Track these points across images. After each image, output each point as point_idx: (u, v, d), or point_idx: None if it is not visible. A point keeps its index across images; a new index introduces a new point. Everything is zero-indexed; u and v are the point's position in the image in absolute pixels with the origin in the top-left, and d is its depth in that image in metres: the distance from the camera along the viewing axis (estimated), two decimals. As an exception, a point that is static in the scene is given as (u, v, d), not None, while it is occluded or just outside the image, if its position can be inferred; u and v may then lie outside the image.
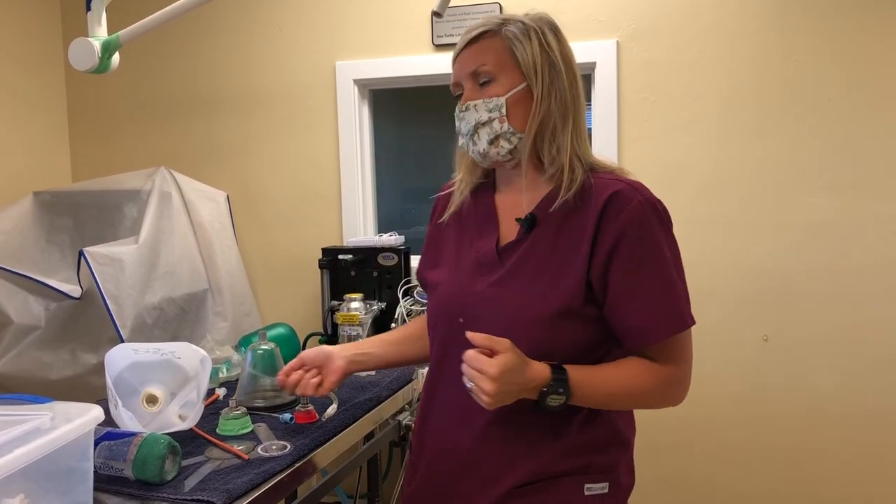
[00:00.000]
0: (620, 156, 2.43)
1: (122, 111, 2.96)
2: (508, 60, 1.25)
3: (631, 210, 1.19)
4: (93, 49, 2.06)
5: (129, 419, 1.46)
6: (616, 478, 1.28)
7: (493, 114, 1.24)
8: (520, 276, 1.24)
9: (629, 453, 1.33)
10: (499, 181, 1.36)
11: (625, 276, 1.19)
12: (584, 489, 1.24)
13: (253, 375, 1.76)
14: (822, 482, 2.37)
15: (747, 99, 2.32)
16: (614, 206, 1.19)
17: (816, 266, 2.31)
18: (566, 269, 1.21)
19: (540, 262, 1.23)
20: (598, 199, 1.20)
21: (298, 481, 1.47)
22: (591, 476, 1.25)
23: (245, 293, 2.69)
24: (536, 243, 1.25)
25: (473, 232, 1.34)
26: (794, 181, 2.31)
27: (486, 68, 1.25)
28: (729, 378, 2.41)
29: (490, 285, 1.25)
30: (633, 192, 1.20)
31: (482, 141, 1.26)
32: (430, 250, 1.44)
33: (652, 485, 2.49)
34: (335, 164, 2.73)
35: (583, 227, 1.21)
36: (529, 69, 1.25)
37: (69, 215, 2.57)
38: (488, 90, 1.25)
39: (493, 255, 1.28)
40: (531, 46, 1.25)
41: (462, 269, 1.32)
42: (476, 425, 1.26)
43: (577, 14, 2.43)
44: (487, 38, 1.26)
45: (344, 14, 2.66)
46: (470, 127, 1.26)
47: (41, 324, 2.30)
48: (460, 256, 1.33)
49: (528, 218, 1.26)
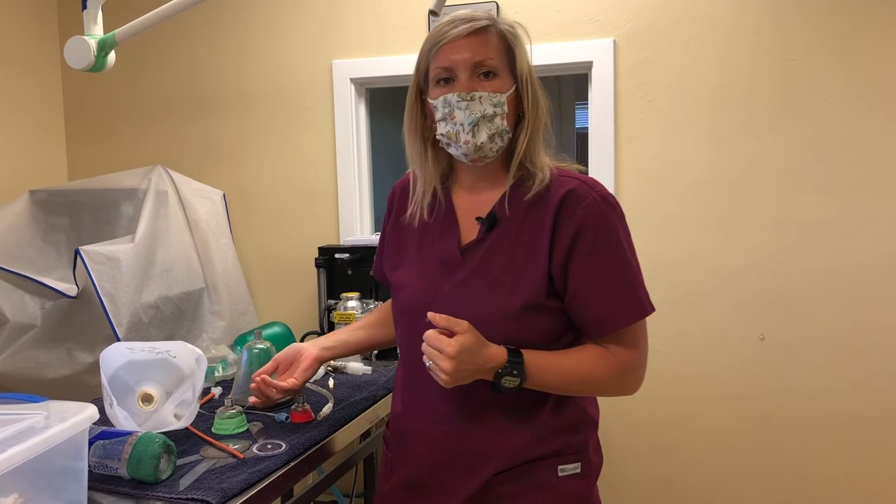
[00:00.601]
0: (617, 154, 2.43)
1: (118, 109, 2.96)
2: (506, 60, 1.27)
3: (586, 206, 1.23)
4: (89, 47, 2.05)
5: (124, 418, 1.45)
6: (587, 457, 1.33)
7: (497, 109, 1.24)
8: (484, 275, 1.27)
9: (596, 432, 1.39)
10: (456, 181, 1.38)
11: (585, 270, 1.23)
12: (558, 470, 1.30)
13: (249, 374, 1.75)
14: (820, 481, 2.37)
15: (744, 98, 2.32)
16: (570, 202, 1.24)
17: (813, 265, 2.31)
18: (528, 266, 1.25)
19: (503, 259, 1.27)
20: (555, 196, 1.25)
21: (294, 480, 1.47)
22: (564, 457, 1.30)
23: (241, 292, 2.69)
24: (498, 242, 1.28)
25: (434, 233, 1.35)
26: (790, 180, 2.31)
27: (493, 63, 1.25)
28: (726, 377, 2.41)
29: (455, 285, 1.28)
30: (587, 188, 1.25)
31: (482, 134, 1.24)
32: (391, 250, 1.44)
33: (650, 484, 2.49)
34: (332, 162, 2.73)
35: (541, 224, 1.25)
36: (523, 73, 1.27)
37: (65, 214, 2.57)
38: (491, 84, 1.25)
39: (456, 254, 1.30)
40: (521, 51, 1.29)
41: (426, 270, 1.33)
42: (453, 419, 1.30)
43: (575, 13, 2.43)
44: (491, 33, 1.26)
45: (341, 13, 2.66)
46: (475, 118, 1.23)
47: (37, 322, 2.30)
48: (423, 257, 1.34)
49: (489, 217, 1.28)
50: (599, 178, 2.40)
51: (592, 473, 1.35)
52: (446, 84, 1.26)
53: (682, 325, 2.42)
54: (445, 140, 1.28)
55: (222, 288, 2.57)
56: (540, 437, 1.29)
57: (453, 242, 1.31)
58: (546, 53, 2.45)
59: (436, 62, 1.26)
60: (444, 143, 1.30)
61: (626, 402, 2.46)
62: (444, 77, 1.26)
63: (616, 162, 2.44)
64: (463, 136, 1.25)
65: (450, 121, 1.26)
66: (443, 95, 1.25)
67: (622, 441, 2.50)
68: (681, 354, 2.43)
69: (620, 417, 2.49)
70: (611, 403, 2.48)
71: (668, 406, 2.46)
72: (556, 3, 2.44)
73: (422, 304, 1.29)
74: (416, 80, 1.32)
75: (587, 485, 1.33)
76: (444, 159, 1.37)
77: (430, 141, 1.34)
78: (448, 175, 1.39)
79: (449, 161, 1.37)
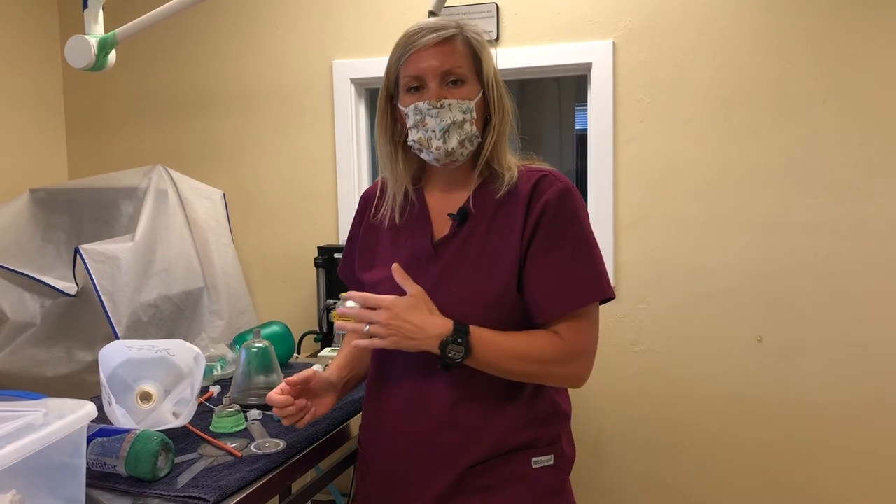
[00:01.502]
0: (616, 156, 2.44)
1: (118, 109, 2.96)
2: (473, 67, 1.31)
3: (550, 193, 1.29)
4: (89, 47, 2.06)
5: (122, 416, 1.46)
6: (560, 449, 1.36)
7: (466, 115, 1.29)
8: (459, 267, 1.31)
9: (569, 425, 1.41)
10: (429, 182, 1.41)
11: (539, 250, 1.28)
12: (531, 462, 1.32)
13: (247, 373, 1.76)
14: (818, 482, 2.37)
15: (743, 100, 2.33)
16: (538, 191, 1.30)
17: (811, 267, 2.32)
18: (501, 255, 1.29)
19: (476, 251, 1.31)
20: (524, 188, 1.31)
21: (291, 479, 1.47)
22: (537, 449, 1.33)
23: (241, 291, 2.70)
24: (470, 235, 1.32)
25: (407, 232, 1.38)
26: (789, 182, 2.31)
27: (461, 71, 1.29)
28: (723, 378, 2.42)
29: (429, 278, 1.31)
30: (553, 178, 1.32)
31: (452, 140, 1.29)
32: (364, 252, 1.45)
33: (647, 485, 2.50)
34: (332, 162, 2.73)
35: (513, 214, 1.30)
36: (489, 79, 1.32)
37: (65, 212, 2.57)
38: (459, 92, 1.29)
39: (428, 249, 1.34)
40: (487, 57, 1.33)
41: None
42: (430, 413, 1.32)
43: (574, 14, 2.43)
44: (458, 42, 1.31)
45: (341, 13, 2.67)
46: (445, 125, 1.28)
47: (37, 321, 2.30)
48: (397, 255, 1.36)
49: (460, 212, 1.33)
50: (599, 180, 2.44)
51: (565, 466, 1.38)
52: (416, 92, 1.30)
53: (680, 327, 2.43)
54: (417, 146, 1.32)
55: (221, 287, 2.58)
56: (514, 429, 1.31)
57: (426, 238, 1.35)
58: (545, 55, 2.45)
59: (405, 70, 1.31)
60: (415, 148, 1.34)
61: (623, 402, 2.48)
62: (415, 85, 1.31)
63: (615, 163, 2.44)
64: (435, 142, 1.29)
65: (421, 127, 1.30)
66: (414, 103, 1.30)
67: (619, 442, 2.51)
68: (678, 356, 2.44)
69: (618, 418, 2.49)
70: (608, 404, 2.50)
71: (665, 407, 2.46)
72: (556, 5, 2.44)
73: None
74: (386, 85, 1.37)
75: (561, 477, 1.37)
76: (415, 161, 1.40)
77: (400, 144, 1.38)
78: (420, 176, 1.43)
79: (420, 163, 1.40)
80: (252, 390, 1.74)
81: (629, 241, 2.44)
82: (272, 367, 1.78)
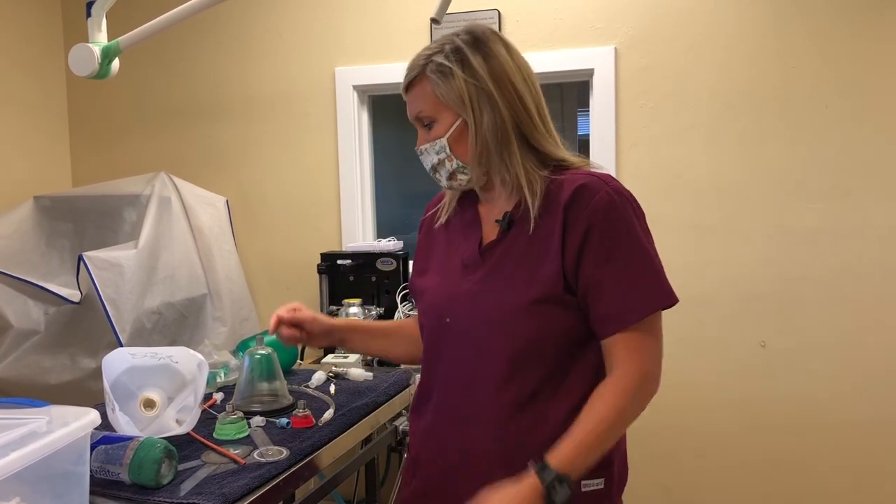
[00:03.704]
0: (618, 161, 2.44)
1: (122, 116, 2.97)
2: (438, 102, 1.28)
3: (597, 200, 1.22)
4: (93, 55, 2.06)
5: (126, 423, 1.46)
6: (611, 474, 1.29)
7: (440, 154, 1.30)
8: (501, 272, 1.28)
9: (622, 448, 1.34)
10: (479, 193, 1.39)
11: (596, 264, 1.22)
12: (580, 485, 1.24)
13: (250, 380, 1.76)
14: (820, 488, 2.36)
15: (744, 105, 2.33)
16: (581, 198, 1.23)
17: (814, 272, 2.31)
18: (542, 261, 1.25)
19: (518, 256, 1.27)
20: (566, 193, 1.24)
21: (294, 486, 1.47)
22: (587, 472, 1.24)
23: (244, 298, 2.70)
24: (514, 240, 1.29)
25: (460, 238, 1.37)
26: (791, 187, 2.31)
27: (425, 114, 1.30)
28: (726, 384, 2.41)
29: (473, 283, 1.29)
30: (599, 183, 1.24)
31: (442, 178, 1.33)
32: (420, 257, 1.46)
33: (650, 490, 2.49)
34: (334, 169, 2.74)
35: (553, 220, 1.25)
36: (458, 105, 1.26)
37: (69, 220, 2.58)
38: (433, 133, 1.30)
39: (475, 255, 1.32)
40: (455, 82, 1.26)
41: (449, 272, 1.35)
42: (471, 426, 1.28)
43: (576, 21, 2.44)
44: (418, 84, 1.30)
45: (343, 21, 2.67)
46: (429, 167, 1.33)
47: (40, 328, 2.31)
48: (448, 261, 1.36)
49: (504, 217, 1.30)
50: (601, 185, 2.42)
51: (615, 490, 1.30)
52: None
53: (683, 332, 2.42)
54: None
55: (225, 294, 2.58)
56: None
57: (474, 244, 1.33)
58: (548, 61, 2.46)
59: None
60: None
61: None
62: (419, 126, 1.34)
63: (617, 169, 2.44)
64: (436, 179, 1.34)
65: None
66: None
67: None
68: (682, 361, 2.43)
69: (622, 424, 2.49)
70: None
71: (668, 412, 2.46)
72: (558, 11, 2.45)
73: (442, 304, 1.32)
74: None
75: (610, 502, 1.29)
76: None
77: None
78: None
79: None
80: (255, 397, 1.75)
81: (632, 246, 2.44)
82: (275, 374, 1.78)
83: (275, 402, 1.74)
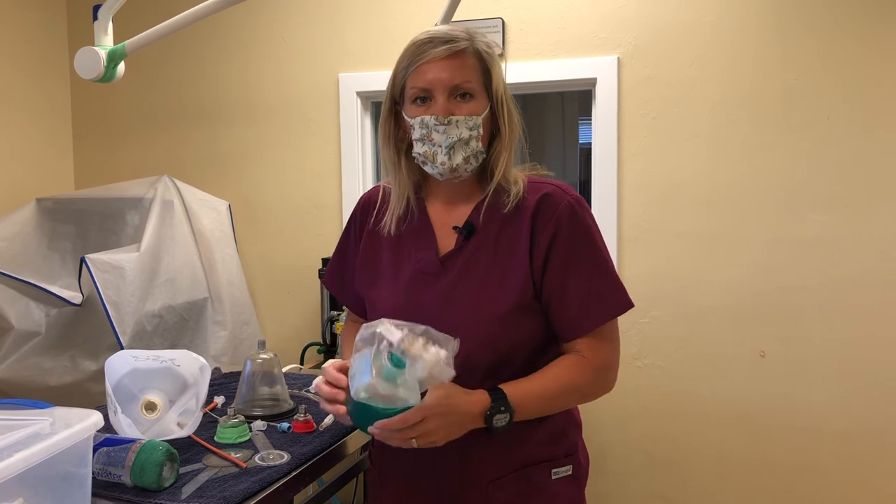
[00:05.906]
0: (620, 170, 2.45)
1: (125, 120, 2.98)
2: (482, 81, 1.28)
3: (562, 209, 1.27)
4: (98, 58, 2.07)
5: (127, 426, 1.46)
6: (577, 459, 1.36)
7: (472, 132, 1.26)
8: (468, 283, 1.29)
9: (581, 434, 1.41)
10: (430, 193, 1.38)
11: (560, 270, 1.26)
12: (551, 474, 1.32)
13: (251, 384, 1.76)
14: (819, 498, 2.37)
15: (746, 115, 2.34)
16: (546, 206, 1.27)
17: (814, 282, 2.32)
18: (510, 270, 1.27)
19: (485, 266, 1.29)
20: (531, 201, 1.28)
21: (295, 490, 1.47)
22: (556, 461, 1.33)
23: (245, 302, 2.70)
24: (477, 250, 1.30)
25: (409, 244, 1.35)
26: (792, 197, 2.32)
27: (471, 85, 1.26)
28: (726, 394, 2.41)
29: (438, 294, 1.29)
30: (561, 192, 1.29)
31: (457, 157, 1.26)
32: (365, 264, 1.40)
33: (649, 500, 2.49)
34: (337, 174, 2.74)
35: (520, 228, 1.28)
36: (499, 92, 1.29)
37: (71, 222, 2.58)
38: (467, 107, 1.26)
39: (435, 264, 1.31)
40: (497, 70, 1.29)
41: (404, 281, 1.33)
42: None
43: (579, 30, 2.45)
44: (468, 55, 1.27)
45: (347, 27, 2.69)
46: (451, 141, 1.25)
47: (42, 330, 2.31)
48: (399, 269, 1.35)
49: (465, 226, 1.30)
50: (603, 194, 2.45)
51: (583, 475, 1.38)
52: (423, 103, 1.27)
53: (683, 341, 2.43)
54: (422, 159, 1.30)
55: (226, 298, 2.58)
56: (536, 443, 1.31)
57: (431, 252, 1.32)
58: (550, 70, 2.47)
59: (413, 81, 1.27)
60: (419, 160, 1.31)
61: (625, 416, 2.48)
62: (422, 96, 1.28)
63: (619, 178, 2.45)
64: (440, 157, 1.26)
65: (427, 141, 1.27)
66: (420, 116, 1.27)
67: (622, 456, 2.50)
68: (681, 370, 2.44)
69: (620, 432, 2.49)
70: (610, 418, 2.49)
71: (668, 422, 2.46)
72: (561, 20, 2.46)
73: (403, 315, 1.26)
74: (392, 92, 1.34)
75: (579, 486, 1.37)
76: (418, 170, 1.37)
77: (403, 151, 1.36)
78: (421, 185, 1.40)
79: (422, 172, 1.37)
80: (256, 401, 1.75)
81: (633, 255, 2.45)
82: (276, 379, 1.78)
83: (276, 407, 1.74)
